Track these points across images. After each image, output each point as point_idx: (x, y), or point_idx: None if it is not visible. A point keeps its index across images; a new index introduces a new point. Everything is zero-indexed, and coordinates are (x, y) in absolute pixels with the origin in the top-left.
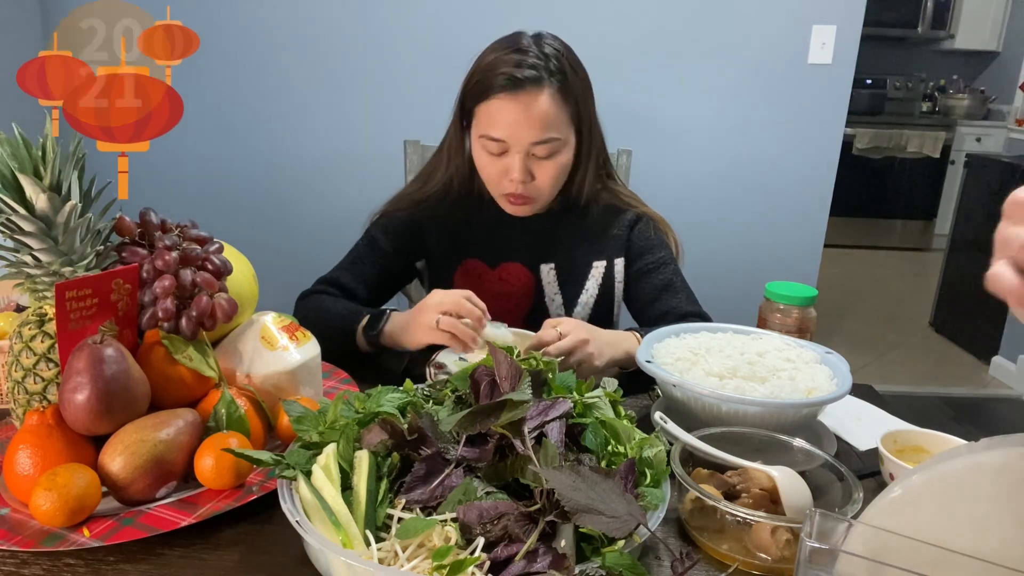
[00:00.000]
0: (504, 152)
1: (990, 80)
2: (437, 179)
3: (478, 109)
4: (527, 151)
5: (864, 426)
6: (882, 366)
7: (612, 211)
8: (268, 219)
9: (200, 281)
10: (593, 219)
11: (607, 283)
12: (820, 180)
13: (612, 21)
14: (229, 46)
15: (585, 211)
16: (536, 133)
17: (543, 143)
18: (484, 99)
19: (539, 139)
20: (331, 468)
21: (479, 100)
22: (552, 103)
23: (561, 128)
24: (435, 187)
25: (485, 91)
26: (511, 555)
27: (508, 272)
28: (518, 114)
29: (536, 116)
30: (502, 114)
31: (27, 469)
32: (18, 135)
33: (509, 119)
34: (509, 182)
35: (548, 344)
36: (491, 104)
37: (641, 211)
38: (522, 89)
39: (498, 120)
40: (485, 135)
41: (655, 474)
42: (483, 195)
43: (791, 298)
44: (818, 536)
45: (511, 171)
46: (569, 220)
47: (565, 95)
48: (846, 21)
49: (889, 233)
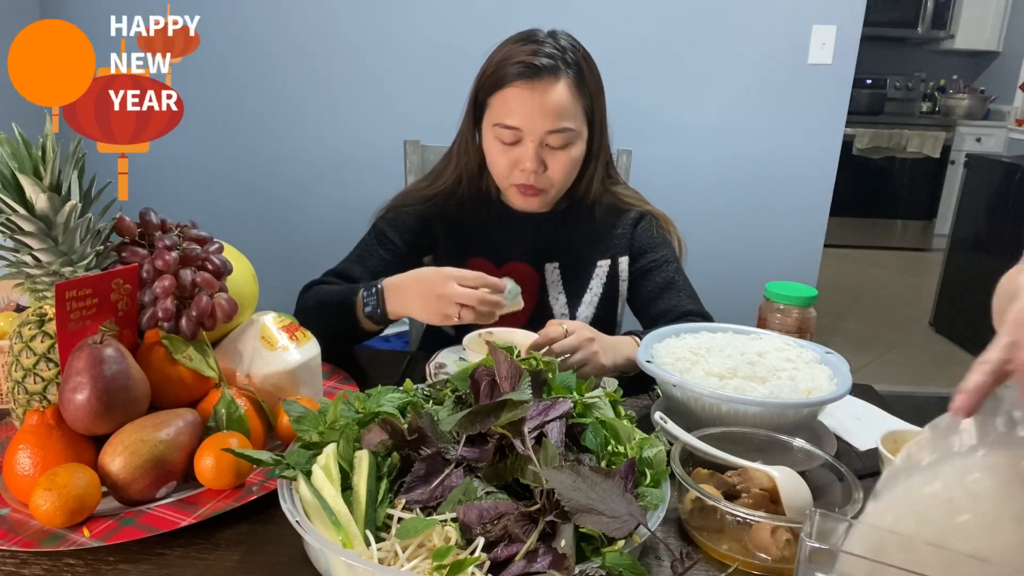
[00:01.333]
0: (517, 141)
1: (990, 80)
2: (447, 176)
3: (492, 100)
4: (541, 140)
5: (864, 426)
6: (882, 366)
7: (616, 211)
8: (268, 219)
9: (200, 281)
10: (597, 219)
11: (611, 282)
12: (820, 180)
13: (612, 21)
14: (229, 46)
15: (590, 211)
16: (551, 122)
17: (558, 132)
18: (500, 88)
19: (554, 127)
20: (331, 468)
21: (494, 90)
22: (568, 93)
23: (576, 119)
24: (444, 184)
25: (500, 80)
26: (511, 555)
27: (513, 271)
28: (534, 102)
29: (552, 105)
30: (518, 102)
31: (27, 469)
32: (18, 135)
33: (525, 107)
34: (520, 172)
35: (554, 340)
36: (507, 92)
37: (645, 209)
38: (539, 77)
39: (514, 108)
40: (500, 123)
41: (655, 474)
42: (490, 194)
43: (791, 298)
44: (818, 536)
45: (523, 160)
46: (574, 220)
47: (580, 87)
48: (846, 21)
49: (889, 233)
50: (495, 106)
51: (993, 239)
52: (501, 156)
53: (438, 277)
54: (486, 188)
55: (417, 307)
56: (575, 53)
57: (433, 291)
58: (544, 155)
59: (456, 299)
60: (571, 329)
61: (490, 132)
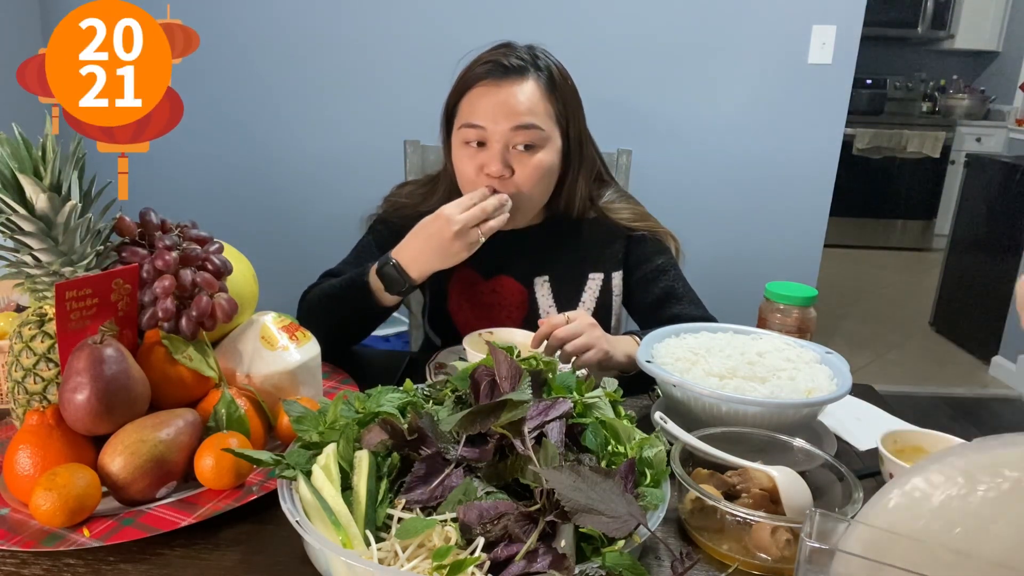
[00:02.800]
0: (483, 144)
1: (990, 80)
2: (439, 193)
3: (460, 105)
4: (506, 142)
5: (864, 426)
6: (882, 366)
7: (606, 228)
8: (268, 219)
9: (200, 281)
10: (587, 233)
11: (604, 296)
12: (820, 180)
13: (612, 21)
14: (229, 46)
15: (578, 225)
16: (516, 118)
17: (523, 128)
18: (467, 90)
19: (519, 123)
20: (331, 468)
21: (462, 94)
22: (536, 92)
23: (544, 120)
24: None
25: (468, 82)
26: (511, 555)
27: (501, 285)
28: (499, 99)
29: (517, 103)
30: (483, 100)
31: (27, 469)
32: (18, 135)
33: (490, 104)
34: (486, 177)
35: (556, 326)
36: (473, 93)
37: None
38: (506, 77)
39: (479, 107)
40: (465, 123)
41: (655, 474)
42: None
43: (791, 298)
44: (818, 536)
45: (489, 164)
46: (562, 233)
47: (551, 90)
48: (846, 21)
49: (889, 233)
50: (463, 109)
51: (993, 239)
52: (468, 162)
53: (441, 222)
54: None
55: (440, 259)
56: (547, 60)
57: (446, 236)
58: (510, 159)
59: (470, 224)
60: (572, 317)
61: (458, 137)
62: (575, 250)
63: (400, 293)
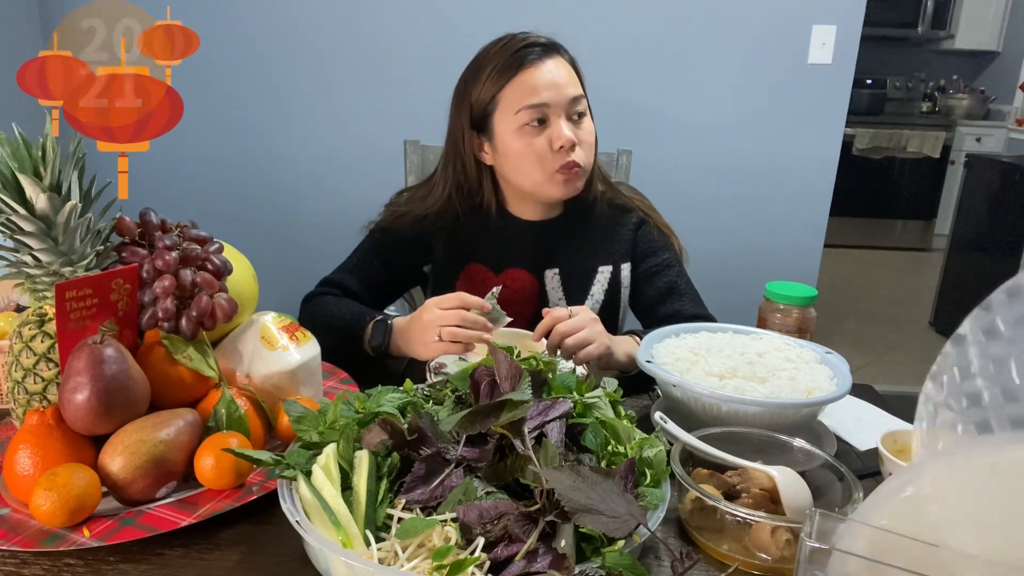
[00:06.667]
0: (545, 122)
1: (990, 80)
2: (437, 194)
3: (503, 93)
4: (568, 112)
5: (864, 426)
6: (882, 366)
7: (617, 210)
8: (268, 219)
9: (200, 281)
10: (598, 221)
11: (613, 288)
12: (820, 180)
13: (612, 20)
14: (229, 46)
15: (591, 214)
16: (572, 88)
17: (576, 98)
18: (510, 79)
19: (574, 94)
20: (331, 468)
21: (503, 85)
22: (569, 65)
23: (582, 90)
24: (435, 202)
25: (508, 70)
26: (511, 555)
27: (512, 278)
28: (553, 75)
29: (564, 75)
30: (538, 79)
31: (27, 469)
32: (18, 135)
33: (545, 81)
34: (558, 153)
35: (559, 320)
36: (521, 77)
37: (644, 214)
38: (546, 55)
39: (538, 85)
40: (526, 106)
41: (655, 474)
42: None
43: (791, 298)
44: (818, 536)
45: (558, 136)
46: (574, 225)
47: (573, 64)
48: (846, 21)
49: (889, 233)
50: (510, 97)
51: (993, 239)
52: (535, 143)
53: (423, 308)
54: (481, 201)
55: (416, 346)
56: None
57: (420, 322)
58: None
59: (439, 322)
60: (574, 311)
61: (513, 123)
62: (585, 241)
63: (377, 351)
